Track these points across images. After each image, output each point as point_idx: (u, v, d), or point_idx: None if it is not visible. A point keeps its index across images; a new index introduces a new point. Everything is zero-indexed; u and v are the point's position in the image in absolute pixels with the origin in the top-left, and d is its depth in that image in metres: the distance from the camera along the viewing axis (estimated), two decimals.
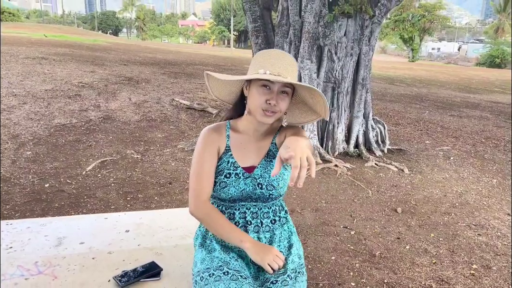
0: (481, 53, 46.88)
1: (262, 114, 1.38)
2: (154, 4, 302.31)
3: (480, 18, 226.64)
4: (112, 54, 13.14)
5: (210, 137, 1.48)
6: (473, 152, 5.96)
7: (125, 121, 6.19)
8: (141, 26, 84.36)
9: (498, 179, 4.89)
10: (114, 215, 1.96)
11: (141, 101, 7.27)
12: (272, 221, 1.51)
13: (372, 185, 4.44)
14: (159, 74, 9.81)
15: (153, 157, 4.96)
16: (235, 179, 1.43)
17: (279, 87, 1.37)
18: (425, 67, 25.83)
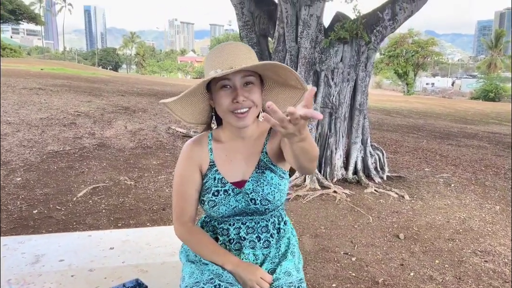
0: (475, 88, 47.62)
1: (235, 118, 1.23)
2: (154, 42, 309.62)
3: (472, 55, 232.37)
4: (110, 85, 13.22)
5: (190, 153, 1.34)
6: (474, 180, 5.85)
7: (119, 148, 6.09)
8: (141, 62, 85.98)
9: (501, 206, 4.76)
10: (99, 232, 1.84)
11: (137, 129, 7.20)
12: (272, 235, 1.37)
13: (373, 211, 4.30)
14: (155, 104, 9.81)
15: (147, 183, 4.83)
16: (225, 197, 1.29)
17: (240, 80, 1.22)
18: (421, 100, 26.12)
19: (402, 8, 5.07)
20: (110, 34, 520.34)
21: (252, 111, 1.24)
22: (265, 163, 1.34)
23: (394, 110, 16.24)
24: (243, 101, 1.21)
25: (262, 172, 1.32)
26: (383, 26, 4.99)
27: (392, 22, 5.04)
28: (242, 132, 1.32)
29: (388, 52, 38.64)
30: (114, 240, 1.73)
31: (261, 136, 1.37)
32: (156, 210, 4.04)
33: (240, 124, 1.24)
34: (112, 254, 1.61)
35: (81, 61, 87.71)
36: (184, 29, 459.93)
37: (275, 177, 1.33)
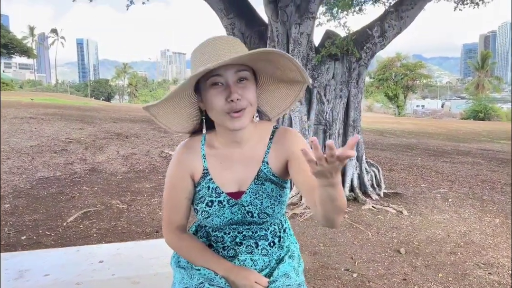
0: (465, 109, 48.28)
1: (229, 119, 1.10)
2: (146, 72, 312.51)
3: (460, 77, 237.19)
4: (102, 113, 13.18)
5: (181, 159, 1.23)
6: (471, 194, 5.80)
7: (111, 173, 5.99)
8: (133, 92, 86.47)
9: (501, 219, 4.69)
10: (87, 247, 1.75)
11: (129, 153, 7.11)
12: (271, 244, 1.25)
13: (372, 227, 4.21)
14: (149, 129, 9.75)
15: (139, 206, 4.71)
16: (219, 208, 1.18)
17: (233, 76, 1.09)
18: (413, 121, 26.35)
19: (391, 26, 5.14)
20: (102, 66, 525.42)
21: (248, 111, 1.12)
22: (265, 174, 1.21)
23: (386, 130, 16.33)
24: (237, 99, 1.08)
25: (261, 184, 1.20)
26: (372, 43, 5.04)
27: (381, 39, 5.10)
28: (237, 136, 1.19)
29: (378, 76, 39.26)
30: (104, 254, 1.64)
31: (260, 142, 1.24)
32: (150, 232, 3.93)
33: (236, 125, 1.11)
34: (102, 267, 1.51)
35: (74, 92, 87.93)
36: (176, 59, 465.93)
37: (275, 189, 1.22)
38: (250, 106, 1.13)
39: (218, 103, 1.10)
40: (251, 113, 1.15)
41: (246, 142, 1.22)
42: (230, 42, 1.13)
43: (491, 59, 60.62)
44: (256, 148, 1.23)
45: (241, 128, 1.13)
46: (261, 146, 1.23)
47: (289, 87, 1.23)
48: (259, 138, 1.24)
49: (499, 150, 11.56)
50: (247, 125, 1.15)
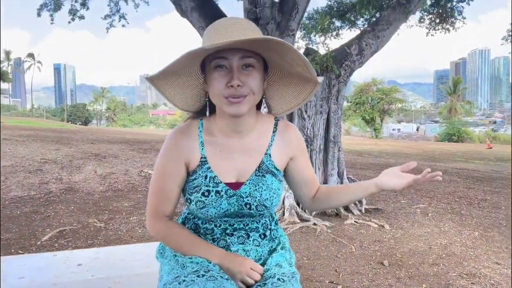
0: (439, 132, 49.57)
1: (227, 103, 1.06)
2: (125, 97, 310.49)
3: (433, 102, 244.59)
4: (79, 135, 12.93)
5: (177, 145, 1.18)
6: (450, 209, 5.88)
7: (88, 192, 5.83)
8: (111, 116, 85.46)
9: (480, 232, 4.75)
10: (65, 252, 1.68)
11: (107, 173, 6.96)
12: (262, 236, 1.22)
13: (354, 240, 4.19)
14: (127, 150, 9.60)
15: (118, 225, 4.58)
16: (216, 198, 1.13)
17: (238, 61, 1.05)
18: (390, 143, 26.86)
19: (368, 44, 5.28)
20: (80, 91, 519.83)
21: (248, 99, 1.08)
22: (267, 166, 1.19)
23: (365, 151, 16.55)
24: (238, 86, 1.04)
25: (262, 176, 1.18)
26: (351, 61, 5.16)
27: (359, 57, 5.23)
28: (238, 124, 1.16)
29: (355, 100, 40.04)
30: (82, 257, 1.57)
31: (262, 134, 1.21)
32: None
33: (233, 111, 1.07)
34: (80, 270, 1.44)
35: (49, 117, 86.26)
36: None
37: (275, 182, 1.20)
38: (252, 95, 1.09)
39: (218, 86, 1.07)
40: (252, 102, 1.11)
41: (247, 133, 1.19)
42: (243, 24, 1.08)
43: (462, 85, 62.77)
44: (258, 139, 1.21)
45: (238, 114, 1.10)
46: (263, 138, 1.21)
47: (300, 86, 1.19)
48: (261, 130, 1.22)
49: (473, 169, 11.83)
50: (246, 113, 1.11)
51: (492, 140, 30.77)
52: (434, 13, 10.31)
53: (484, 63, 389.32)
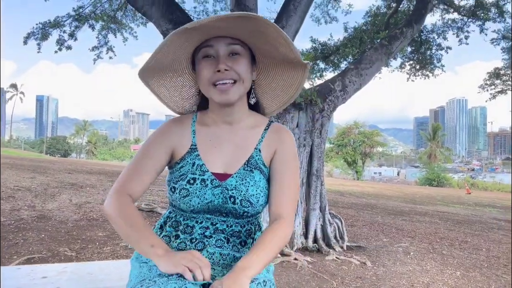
0: (419, 177, 50.24)
1: (216, 92, 1.07)
2: (107, 131, 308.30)
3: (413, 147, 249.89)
4: (57, 165, 12.61)
5: (167, 131, 1.17)
6: (431, 249, 5.83)
7: (61, 220, 5.59)
8: (92, 150, 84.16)
9: (461, 271, 4.70)
10: (30, 266, 1.54)
11: (83, 202, 6.73)
12: (242, 243, 1.16)
13: (336, 277, 4.07)
14: (106, 181, 9.37)
15: (90, 254, 4.36)
16: (201, 187, 1.10)
17: (224, 48, 1.07)
18: (371, 185, 27.00)
19: (351, 81, 5.40)
20: (61, 123, 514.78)
21: (237, 86, 1.09)
22: (256, 161, 1.17)
23: (347, 192, 16.57)
24: (225, 70, 1.06)
25: (250, 171, 1.15)
26: (335, 96, 5.23)
27: (343, 93, 5.32)
28: (228, 114, 1.16)
29: (337, 142, 40.60)
30: (48, 271, 1.45)
31: (253, 128, 1.21)
32: None
33: (222, 98, 1.08)
34: (45, 282, 1.32)
35: (28, 149, 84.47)
36: (139, 119, 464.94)
37: (262, 180, 1.16)
38: (240, 82, 1.10)
39: (206, 74, 1.08)
40: (242, 89, 1.12)
41: (237, 124, 1.19)
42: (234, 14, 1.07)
43: (441, 131, 64.50)
44: (249, 133, 1.20)
45: (227, 102, 1.10)
46: (254, 133, 1.20)
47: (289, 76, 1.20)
48: (253, 124, 1.21)
49: (453, 212, 11.91)
50: (235, 101, 1.12)
51: (470, 186, 31.26)
52: (414, 59, 10.71)
53: (462, 112, 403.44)
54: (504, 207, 15.48)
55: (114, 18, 10.34)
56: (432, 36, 10.72)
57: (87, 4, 9.85)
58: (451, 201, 16.68)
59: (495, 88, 16.93)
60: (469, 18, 10.21)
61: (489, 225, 9.42)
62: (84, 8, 9.61)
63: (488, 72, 16.99)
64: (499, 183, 47.06)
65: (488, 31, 10.46)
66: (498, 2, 9.74)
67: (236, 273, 0.92)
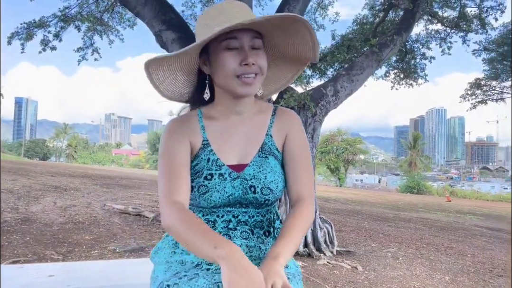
0: (400, 184, 50.94)
1: (240, 84, 1.06)
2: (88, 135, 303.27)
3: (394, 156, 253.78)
4: (39, 167, 12.32)
5: (178, 129, 1.13)
6: (419, 254, 5.89)
7: (46, 223, 5.44)
8: (72, 154, 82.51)
9: (450, 276, 4.75)
10: (32, 265, 1.48)
11: (68, 205, 6.57)
12: (266, 233, 1.15)
13: (328, 281, 4.06)
14: (90, 184, 9.19)
15: (77, 258, 4.25)
16: (220, 182, 1.08)
17: (248, 41, 1.06)
18: (354, 191, 27.27)
19: (343, 87, 5.44)
20: (41, 126, 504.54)
21: (258, 78, 1.09)
22: (269, 147, 1.16)
23: (331, 198, 16.67)
24: (253, 64, 1.05)
25: (265, 157, 1.14)
26: (326, 101, 5.26)
27: (334, 98, 5.35)
28: (239, 106, 1.15)
29: (321, 149, 40.89)
30: (53, 270, 1.39)
31: (261, 115, 1.20)
32: None
33: (245, 91, 1.07)
34: (53, 280, 1.27)
35: (5, 152, 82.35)
36: (121, 123, 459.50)
37: (278, 165, 1.16)
38: (260, 75, 1.09)
39: (231, 65, 1.05)
40: (261, 82, 1.12)
41: (247, 113, 1.18)
42: (246, 7, 1.12)
43: (421, 140, 65.63)
44: (257, 120, 1.18)
45: (249, 94, 1.10)
46: (262, 119, 1.19)
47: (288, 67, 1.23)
48: (260, 111, 1.20)
49: (436, 219, 12.10)
50: (254, 93, 1.13)
51: (450, 194, 31.87)
52: (399, 68, 10.89)
53: (441, 122, 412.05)
54: (484, 215, 15.83)
55: (101, 19, 10.21)
56: (416, 46, 10.94)
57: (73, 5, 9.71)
58: (433, 208, 16.94)
59: (476, 98, 17.34)
60: (452, 29, 10.46)
61: (472, 231, 9.59)
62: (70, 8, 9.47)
63: (469, 82, 17.39)
64: (477, 191, 48.13)
65: (470, 43, 10.74)
66: (480, 14, 10.00)
67: (270, 263, 0.91)
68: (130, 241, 5.00)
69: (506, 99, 17.05)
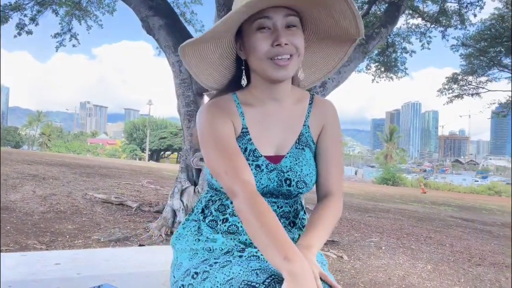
0: (375, 176, 51.90)
1: (273, 66, 0.98)
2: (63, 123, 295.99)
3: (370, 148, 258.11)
4: (13, 155, 11.95)
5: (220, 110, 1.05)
6: (401, 244, 6.02)
7: (27, 212, 5.29)
8: (46, 142, 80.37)
9: (432, 265, 4.88)
10: (36, 253, 1.44)
11: (48, 194, 6.41)
12: (291, 223, 1.12)
13: None
14: (69, 173, 8.98)
15: (61, 248, 4.15)
16: (256, 173, 1.03)
17: (282, 19, 0.99)
18: None
19: (331, 78, 5.45)
20: (12, 113, 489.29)
21: (294, 60, 1.01)
22: (306, 138, 1.12)
23: None
24: (285, 44, 0.97)
25: (302, 149, 1.10)
26: (315, 92, 5.26)
27: (322, 89, 5.37)
28: (276, 91, 1.07)
29: None
30: (59, 257, 1.34)
31: (298, 103, 1.13)
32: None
33: (280, 74, 1.00)
34: (61, 268, 1.22)
35: None
36: (96, 112, 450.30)
37: (312, 157, 1.12)
38: (296, 56, 1.01)
39: (263, 47, 0.99)
40: (297, 64, 1.04)
41: (285, 100, 1.11)
42: None
43: (396, 133, 66.92)
44: (295, 108, 1.12)
45: (284, 78, 1.03)
46: (300, 108, 1.13)
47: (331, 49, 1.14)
48: (297, 99, 1.14)
49: (413, 210, 12.39)
50: (290, 76, 1.05)
51: (424, 186, 32.68)
52: (380, 61, 11.00)
53: (416, 115, 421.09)
54: (457, 206, 16.31)
55: (79, 4, 9.91)
56: (398, 40, 11.08)
57: None
58: (409, 200, 17.34)
59: (453, 92, 17.75)
60: (432, 24, 10.64)
61: (448, 222, 9.87)
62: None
63: (446, 77, 17.78)
64: (450, 183, 49.49)
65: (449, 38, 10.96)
66: (460, 10, 10.18)
67: (304, 252, 0.89)
68: (114, 230, 4.92)
69: (481, 94, 17.53)
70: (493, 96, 18.53)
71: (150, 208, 6.11)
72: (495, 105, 19.38)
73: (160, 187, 8.95)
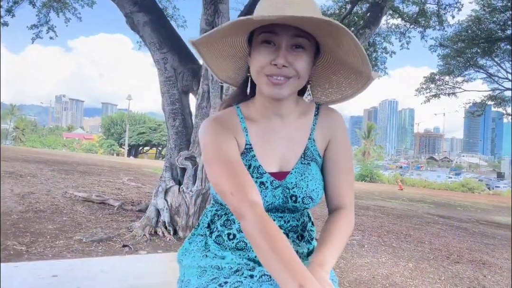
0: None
1: (268, 83, 0.95)
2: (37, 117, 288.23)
3: None
4: None
5: (223, 126, 1.02)
6: (382, 242, 6.12)
7: (5, 212, 5.13)
8: (19, 137, 78.20)
9: (413, 263, 4.98)
10: (28, 263, 1.38)
11: (26, 192, 6.23)
12: (299, 237, 1.11)
13: None
14: (47, 170, 8.76)
15: (42, 249, 4.05)
16: (260, 190, 1.00)
17: (288, 39, 0.94)
18: None
19: None
20: None
21: (291, 82, 0.97)
22: (312, 152, 1.09)
23: None
24: (283, 66, 0.94)
25: (307, 164, 1.08)
26: None
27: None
28: (277, 107, 1.04)
29: None
30: (54, 268, 1.30)
31: (303, 117, 1.10)
32: None
33: (273, 92, 0.96)
34: (58, 281, 1.18)
35: None
36: (73, 106, 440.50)
37: (318, 171, 1.10)
38: (296, 78, 0.98)
39: (261, 62, 0.96)
40: (296, 86, 1.01)
41: (288, 116, 1.08)
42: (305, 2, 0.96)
43: (374, 130, 67.90)
44: (300, 122, 1.10)
45: (278, 97, 0.99)
46: (305, 121, 1.10)
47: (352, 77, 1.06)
48: (302, 113, 1.11)
49: (392, 207, 12.63)
50: (286, 97, 1.01)
51: (400, 182, 33.31)
52: None
53: (393, 113, 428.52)
54: (433, 203, 16.68)
55: None
56: (378, 40, 11.24)
57: None
58: (387, 197, 17.65)
59: (430, 92, 18.13)
60: (412, 25, 10.82)
61: (425, 219, 10.09)
62: None
63: (424, 76, 18.13)
64: (425, 180, 50.61)
65: (428, 38, 11.20)
66: (439, 11, 10.39)
67: (316, 270, 0.88)
68: (96, 230, 4.82)
69: (457, 94, 17.97)
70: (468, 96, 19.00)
71: (133, 207, 6.02)
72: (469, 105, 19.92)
73: (142, 185, 8.84)
